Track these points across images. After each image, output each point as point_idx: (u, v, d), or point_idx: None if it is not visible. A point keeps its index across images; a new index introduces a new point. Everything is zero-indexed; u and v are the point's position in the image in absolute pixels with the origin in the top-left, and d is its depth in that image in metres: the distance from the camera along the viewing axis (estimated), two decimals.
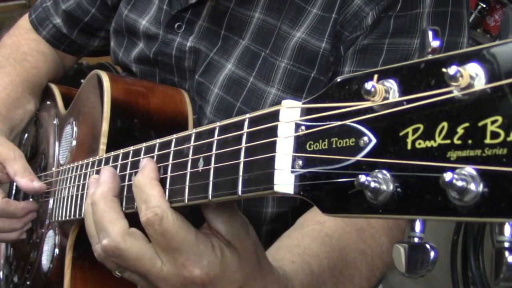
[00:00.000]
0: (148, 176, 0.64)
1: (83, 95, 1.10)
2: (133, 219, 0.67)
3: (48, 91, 1.34)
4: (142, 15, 1.14)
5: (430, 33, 0.42)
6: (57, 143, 1.18)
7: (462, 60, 0.38)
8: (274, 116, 0.49)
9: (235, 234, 0.62)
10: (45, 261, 1.08)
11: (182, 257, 0.60)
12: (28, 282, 1.16)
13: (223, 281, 0.61)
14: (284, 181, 0.47)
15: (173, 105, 1.01)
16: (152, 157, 0.69)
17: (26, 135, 1.44)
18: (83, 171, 0.91)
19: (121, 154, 0.78)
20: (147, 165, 0.65)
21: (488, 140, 0.36)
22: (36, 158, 1.29)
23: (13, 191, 1.37)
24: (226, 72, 0.99)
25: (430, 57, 0.41)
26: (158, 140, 0.69)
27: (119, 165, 0.78)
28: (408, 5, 0.87)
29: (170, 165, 0.65)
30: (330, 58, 0.91)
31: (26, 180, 1.04)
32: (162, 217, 0.60)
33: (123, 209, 0.74)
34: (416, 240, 0.41)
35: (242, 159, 0.52)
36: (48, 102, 1.31)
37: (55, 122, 1.23)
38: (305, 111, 0.48)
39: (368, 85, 0.42)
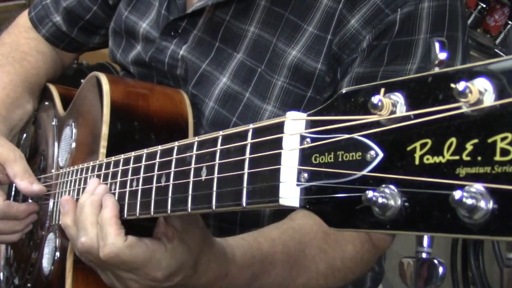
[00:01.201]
0: (110, 213, 0.74)
1: (82, 97, 1.09)
2: (130, 224, 0.74)
3: (46, 91, 1.33)
4: (143, 17, 1.13)
5: (437, 45, 0.42)
6: (56, 145, 1.17)
7: (471, 75, 0.37)
8: (279, 128, 0.49)
9: (187, 231, 0.74)
10: (46, 263, 1.07)
11: (144, 270, 0.73)
12: (29, 284, 1.15)
13: (181, 270, 0.75)
14: (290, 194, 0.47)
15: (173, 107, 1.00)
16: (154, 164, 0.69)
17: (24, 135, 1.43)
18: (84, 175, 0.91)
19: (122, 160, 0.78)
20: (109, 203, 0.75)
21: (498, 157, 0.35)
22: (35, 159, 1.28)
23: (13, 192, 1.36)
24: (222, 86, 0.98)
25: (437, 70, 0.41)
26: (159, 147, 0.69)
27: (120, 171, 0.78)
28: (404, 30, 0.86)
29: (172, 172, 0.64)
30: (326, 78, 0.92)
31: (25, 182, 1.04)
32: (118, 253, 0.71)
33: (125, 215, 0.74)
34: (424, 255, 0.41)
35: (246, 170, 0.52)
36: (47, 103, 1.31)
37: (53, 123, 1.22)
38: (310, 123, 0.47)
39: (375, 99, 0.41)
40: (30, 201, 1.18)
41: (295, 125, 0.48)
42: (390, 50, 0.87)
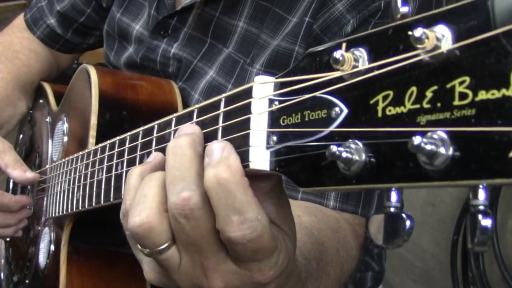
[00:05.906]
0: (238, 173, 0.46)
1: (72, 91, 1.10)
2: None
3: (41, 89, 1.34)
4: (135, 19, 1.14)
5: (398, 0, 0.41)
6: (50, 141, 1.18)
7: (429, 22, 0.37)
8: (248, 93, 0.49)
9: (284, 217, 0.53)
10: (42, 258, 1.08)
11: (260, 265, 0.50)
12: (27, 281, 1.16)
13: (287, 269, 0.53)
14: (260, 157, 0.47)
15: (162, 96, 1.01)
16: (136, 145, 0.69)
17: (21, 135, 1.44)
18: (73, 165, 0.91)
19: (108, 145, 0.78)
20: (231, 155, 0.47)
21: (456, 102, 0.35)
22: (31, 156, 1.29)
23: (10, 190, 1.37)
24: (207, 79, 0.99)
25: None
26: (141, 128, 0.69)
27: (106, 156, 0.78)
28: (386, 15, 0.85)
29: (153, 151, 0.64)
30: None
31: (18, 171, 1.04)
32: (262, 234, 0.47)
33: (111, 199, 0.74)
34: (392, 209, 0.40)
35: (219, 138, 0.52)
36: (41, 101, 1.31)
37: (47, 120, 1.23)
38: (279, 86, 0.47)
39: (337, 54, 0.41)
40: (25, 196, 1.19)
41: (263, 89, 0.48)
42: (373, 28, 0.86)
